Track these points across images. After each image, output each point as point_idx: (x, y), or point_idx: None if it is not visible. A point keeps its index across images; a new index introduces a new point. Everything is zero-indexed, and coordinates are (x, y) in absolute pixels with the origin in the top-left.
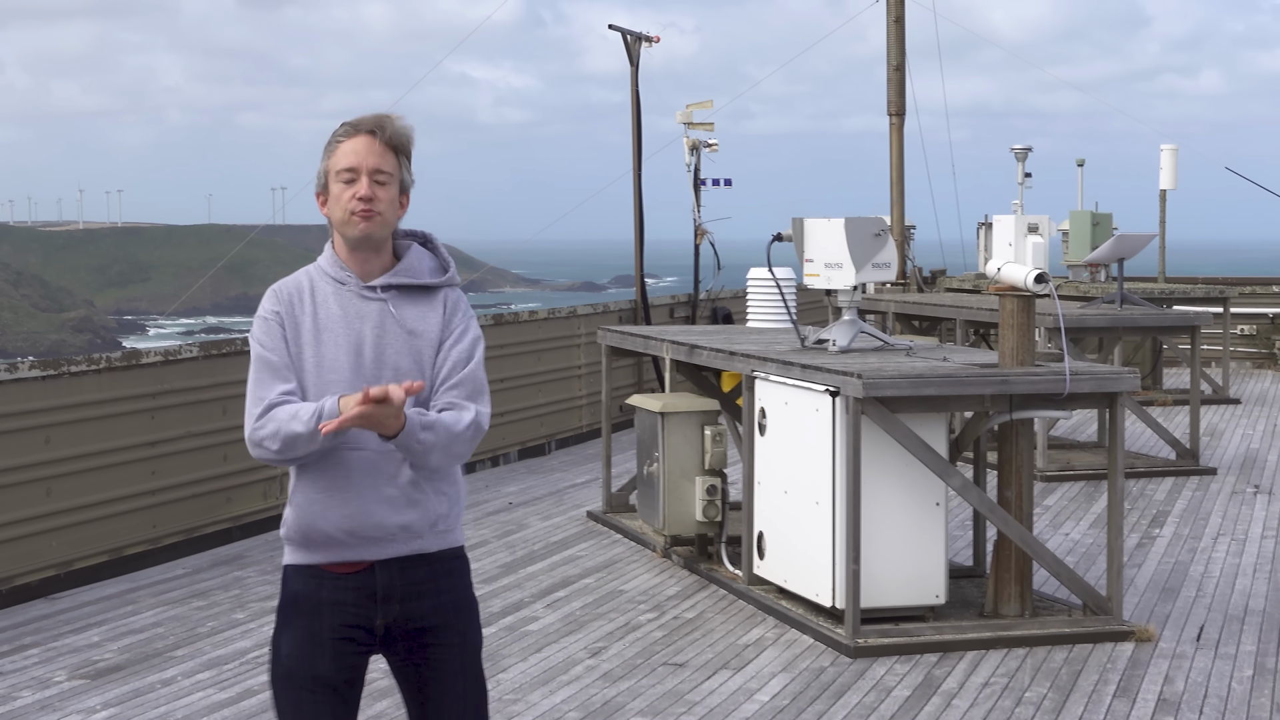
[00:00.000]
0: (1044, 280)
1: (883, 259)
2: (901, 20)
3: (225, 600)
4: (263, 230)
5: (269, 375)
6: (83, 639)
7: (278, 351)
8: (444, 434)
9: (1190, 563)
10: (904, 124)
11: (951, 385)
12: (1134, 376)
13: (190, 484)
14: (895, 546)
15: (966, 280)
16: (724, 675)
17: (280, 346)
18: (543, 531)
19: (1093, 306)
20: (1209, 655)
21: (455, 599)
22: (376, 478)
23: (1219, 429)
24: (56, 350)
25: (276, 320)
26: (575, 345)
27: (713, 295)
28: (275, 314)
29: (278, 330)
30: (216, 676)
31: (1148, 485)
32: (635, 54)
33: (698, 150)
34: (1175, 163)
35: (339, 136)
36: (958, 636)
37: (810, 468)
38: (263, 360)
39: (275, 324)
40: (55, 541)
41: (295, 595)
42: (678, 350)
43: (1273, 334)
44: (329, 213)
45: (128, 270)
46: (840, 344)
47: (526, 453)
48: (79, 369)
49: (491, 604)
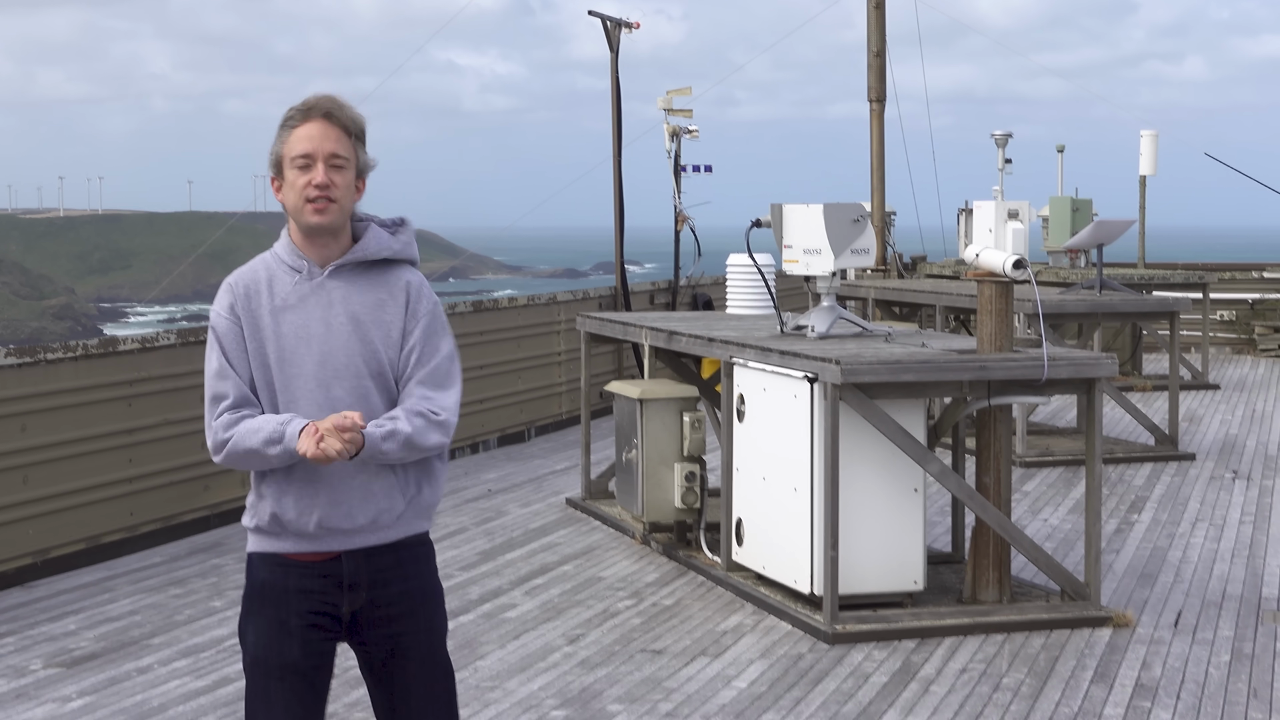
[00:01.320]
0: (1022, 266)
1: (861, 245)
2: (882, 6)
3: (202, 588)
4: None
5: (222, 384)
6: (59, 627)
7: (235, 357)
8: (403, 441)
9: (1168, 548)
10: (884, 110)
11: (930, 371)
12: (1112, 362)
13: (167, 472)
14: (874, 533)
15: (946, 266)
16: (702, 662)
17: (238, 352)
18: (522, 518)
19: (1072, 292)
20: (1186, 640)
21: (422, 585)
22: (345, 470)
23: (1198, 414)
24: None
25: (233, 320)
26: (555, 332)
27: (693, 281)
28: (230, 311)
29: (235, 332)
30: (193, 665)
31: (1126, 471)
32: (615, 40)
33: (678, 136)
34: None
35: (292, 121)
36: (936, 623)
37: (789, 454)
38: (217, 375)
39: (231, 324)
40: (32, 529)
41: (262, 583)
42: (657, 337)
43: (1252, 319)
44: (283, 199)
45: (109, 257)
46: (819, 330)
47: (506, 439)
48: (55, 356)
49: (470, 591)
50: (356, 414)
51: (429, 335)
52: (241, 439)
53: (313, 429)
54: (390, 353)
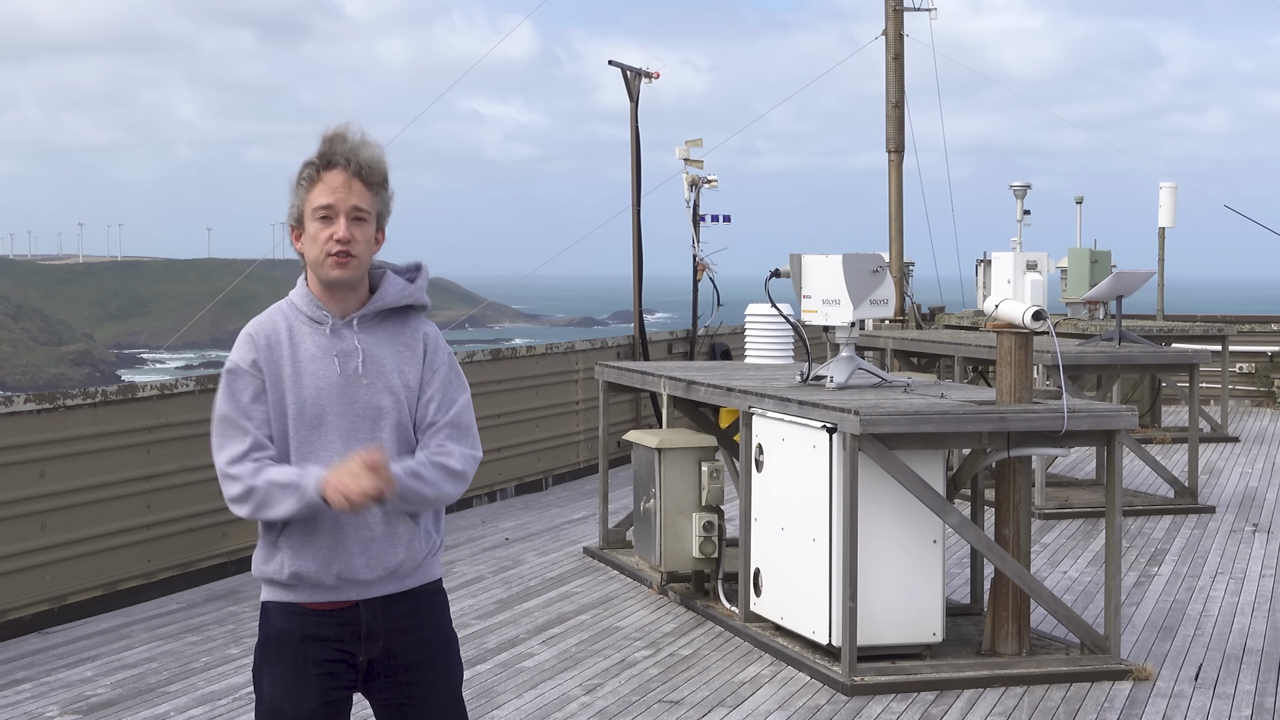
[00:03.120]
0: (1042, 317)
1: (880, 295)
2: (900, 58)
3: (219, 635)
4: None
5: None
6: (76, 674)
7: (255, 407)
8: (427, 480)
9: (1188, 601)
10: (903, 161)
11: (949, 422)
12: (1132, 414)
13: (185, 518)
14: (892, 584)
15: (965, 317)
16: (720, 713)
17: (258, 403)
18: (539, 567)
19: (1091, 344)
20: (1207, 694)
21: (438, 634)
22: (365, 520)
23: (1217, 467)
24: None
25: (254, 373)
26: (573, 381)
27: (711, 331)
28: (253, 365)
29: (257, 383)
30: (209, 712)
31: (1146, 523)
32: (635, 90)
33: (697, 186)
34: (1174, 201)
35: (312, 171)
36: (955, 675)
37: (807, 504)
38: (231, 422)
39: (253, 376)
40: (49, 575)
41: (279, 632)
42: (675, 386)
43: (1271, 372)
44: (303, 249)
45: (127, 304)
46: (838, 380)
47: (524, 488)
48: (74, 403)
49: (487, 640)
50: (377, 445)
51: (447, 386)
52: (266, 488)
53: (336, 479)
54: (410, 403)
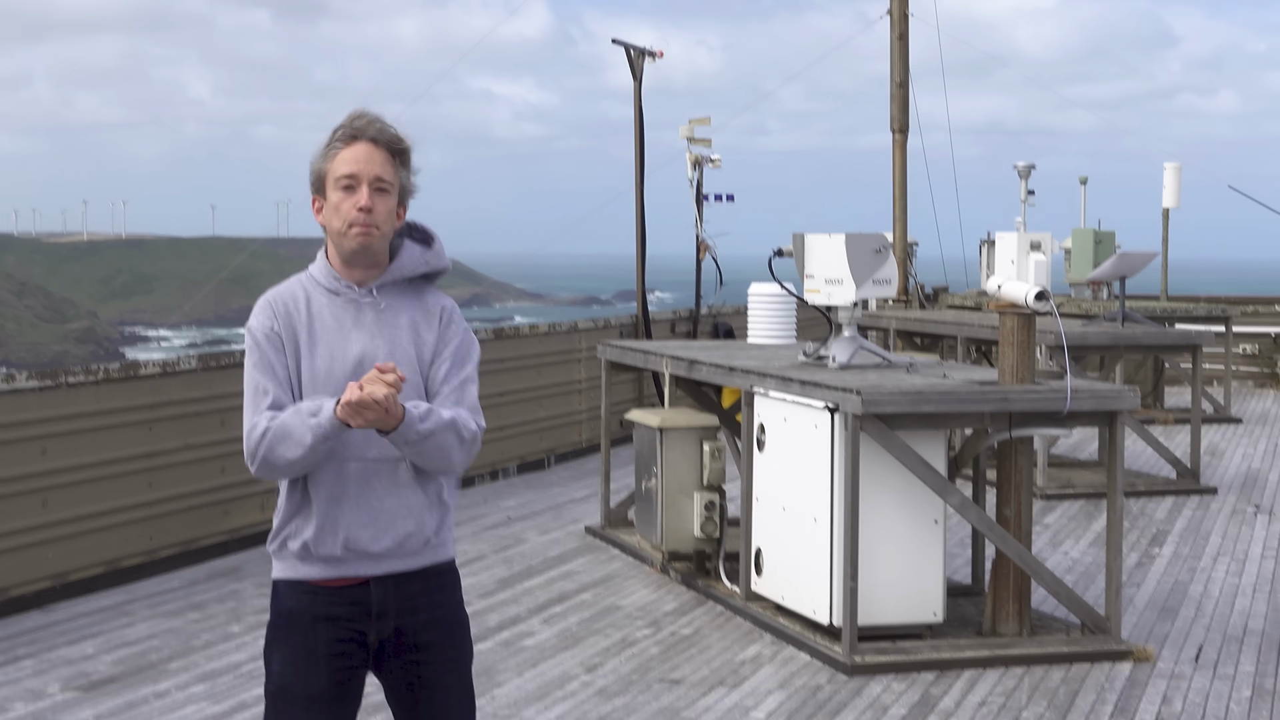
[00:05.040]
0: (1045, 298)
1: (883, 275)
2: (905, 37)
3: (221, 613)
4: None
5: (265, 384)
6: (77, 651)
7: (278, 365)
8: (439, 423)
9: (1190, 582)
10: (907, 140)
11: (951, 402)
12: (1134, 395)
13: (187, 496)
14: (893, 564)
15: (968, 297)
16: (720, 692)
17: (279, 363)
18: (540, 546)
19: (1094, 324)
20: (1207, 675)
21: (449, 613)
22: (373, 489)
23: (1220, 448)
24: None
25: (275, 338)
26: (576, 360)
27: (714, 310)
28: (273, 331)
29: (276, 343)
30: (210, 690)
31: (1148, 504)
32: (639, 68)
33: (700, 165)
34: (1178, 181)
35: (339, 141)
36: (955, 655)
37: (809, 484)
38: (255, 387)
39: (272, 338)
40: (51, 553)
41: (289, 611)
42: (677, 365)
43: (1275, 353)
44: (325, 220)
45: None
46: (840, 360)
47: (525, 467)
48: (76, 380)
49: (488, 618)
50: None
51: (458, 356)
52: (280, 422)
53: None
54: (425, 372)
